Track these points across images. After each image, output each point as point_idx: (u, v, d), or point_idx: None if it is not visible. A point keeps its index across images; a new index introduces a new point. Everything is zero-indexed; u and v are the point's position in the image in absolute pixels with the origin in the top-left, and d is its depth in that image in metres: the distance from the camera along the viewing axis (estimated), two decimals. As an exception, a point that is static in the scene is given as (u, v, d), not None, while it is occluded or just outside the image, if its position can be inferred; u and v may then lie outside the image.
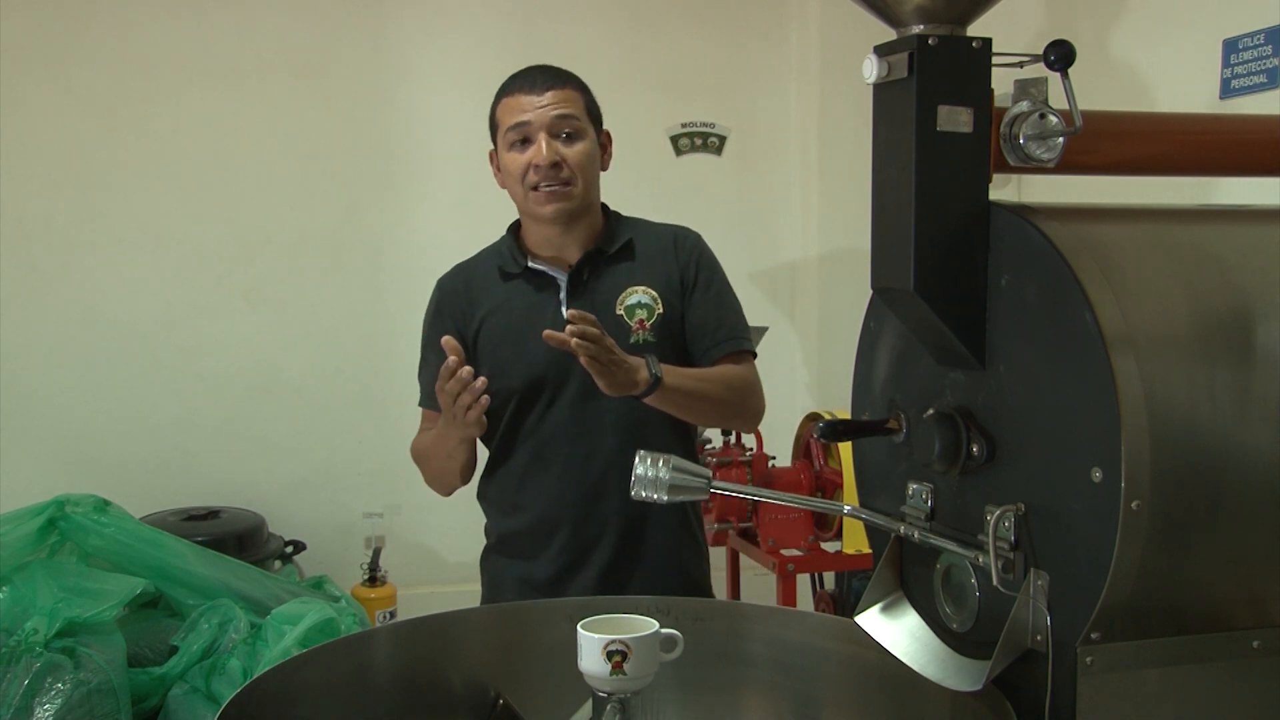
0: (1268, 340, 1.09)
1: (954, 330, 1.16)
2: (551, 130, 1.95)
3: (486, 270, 2.09)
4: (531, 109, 1.96)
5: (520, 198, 2.00)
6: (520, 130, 1.96)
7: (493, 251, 2.12)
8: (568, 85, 2.00)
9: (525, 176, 1.96)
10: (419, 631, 1.54)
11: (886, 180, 1.18)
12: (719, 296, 2.06)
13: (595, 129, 2.03)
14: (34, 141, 3.42)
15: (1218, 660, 1.10)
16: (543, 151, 1.94)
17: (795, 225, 3.97)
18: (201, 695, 2.09)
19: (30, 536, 2.23)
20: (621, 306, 2.00)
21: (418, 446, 2.12)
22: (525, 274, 2.04)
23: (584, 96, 2.02)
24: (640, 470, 1.37)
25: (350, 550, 3.53)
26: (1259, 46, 2.32)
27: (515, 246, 2.07)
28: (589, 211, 2.04)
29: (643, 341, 1.97)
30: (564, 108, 1.96)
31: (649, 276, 2.03)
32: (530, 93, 1.97)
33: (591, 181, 2.01)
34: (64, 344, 3.47)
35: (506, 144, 1.99)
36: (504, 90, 2.02)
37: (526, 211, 2.02)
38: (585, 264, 2.02)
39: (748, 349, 2.06)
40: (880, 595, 1.33)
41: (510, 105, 1.99)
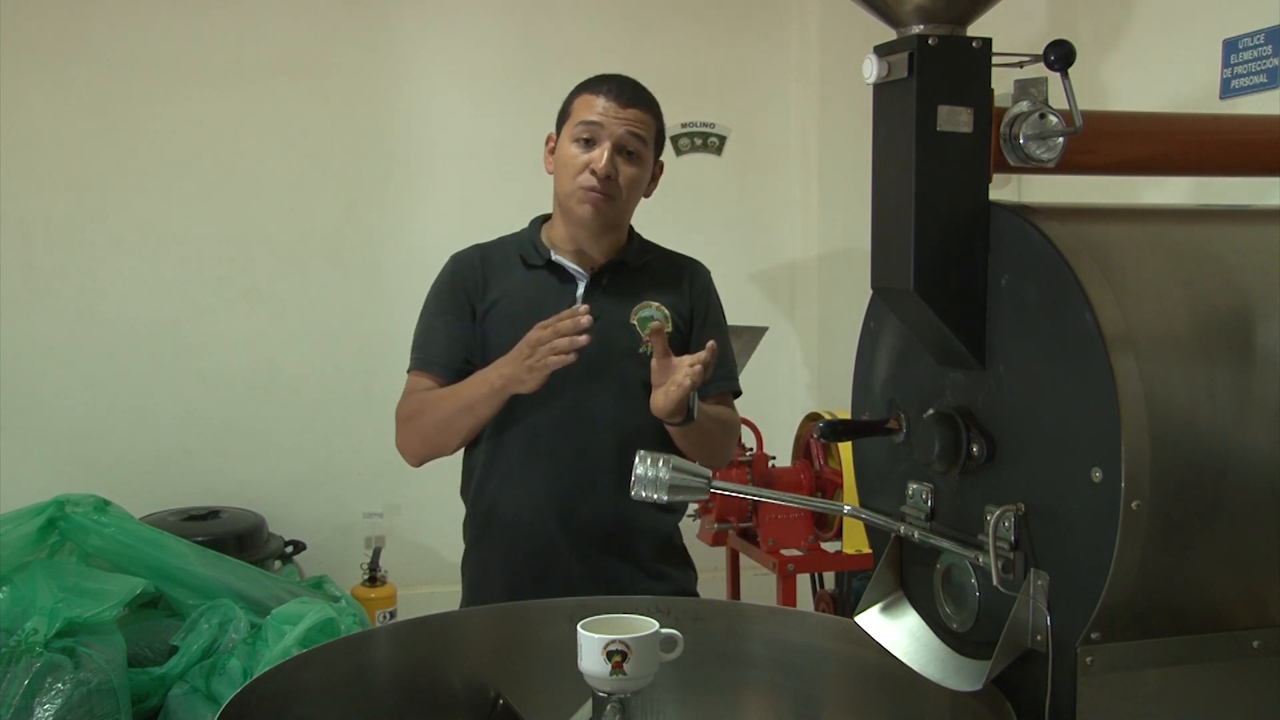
0: (1268, 340, 1.09)
1: (954, 330, 1.16)
2: (619, 144, 1.99)
3: (506, 255, 2.12)
4: (610, 115, 1.99)
5: (564, 191, 2.03)
6: (590, 129, 1.99)
7: (513, 239, 2.15)
8: (649, 110, 2.05)
9: (578, 174, 1.99)
10: (419, 631, 1.54)
11: (886, 180, 1.18)
12: (722, 335, 2.11)
13: (654, 156, 2.08)
14: (34, 141, 3.42)
15: (1218, 660, 1.10)
16: (603, 159, 1.97)
17: (795, 225, 3.97)
18: (201, 695, 2.09)
19: (30, 536, 2.23)
20: (635, 316, 2.05)
21: (415, 403, 2.08)
22: (547, 266, 2.07)
23: (657, 123, 2.07)
24: (640, 470, 1.37)
25: (350, 550, 3.52)
26: (1259, 46, 2.32)
27: (539, 238, 2.11)
28: (618, 226, 2.08)
29: (648, 353, 1.99)
30: (638, 128, 2.01)
31: (663, 296, 2.08)
32: (615, 100, 2.00)
33: (631, 202, 2.06)
34: (64, 344, 3.47)
35: (571, 136, 2.01)
36: (589, 87, 2.05)
37: (565, 206, 2.04)
38: (607, 270, 2.06)
39: (737, 390, 2.16)
40: (880, 595, 1.33)
41: (590, 103, 2.02)
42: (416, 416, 2.07)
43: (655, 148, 2.07)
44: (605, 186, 1.98)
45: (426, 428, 2.05)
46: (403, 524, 3.63)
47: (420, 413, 2.06)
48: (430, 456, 2.10)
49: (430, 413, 2.04)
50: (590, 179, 1.98)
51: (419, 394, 2.09)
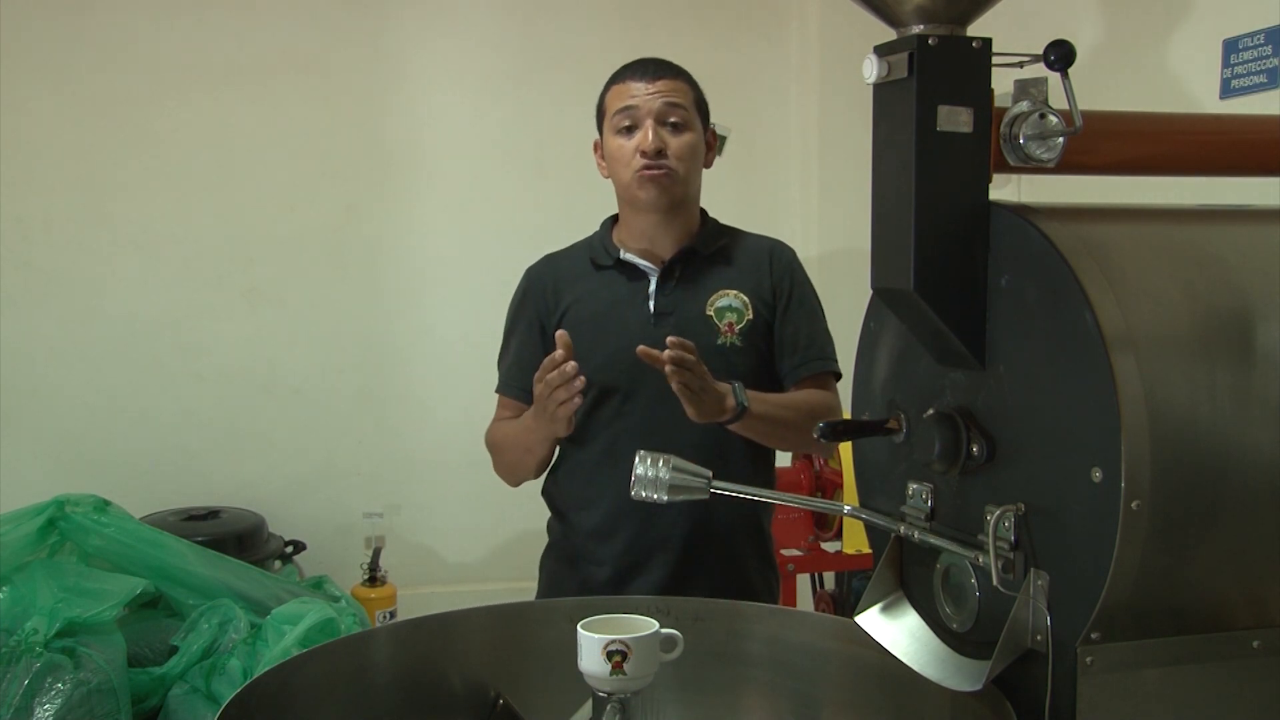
0: (1268, 340, 1.09)
1: (954, 330, 1.16)
2: (659, 117, 1.96)
3: (577, 261, 2.10)
4: (641, 95, 1.97)
5: (623, 184, 2.00)
6: (628, 115, 1.97)
7: (585, 244, 2.13)
8: (679, 77, 2.01)
9: (630, 161, 1.96)
10: (419, 631, 1.54)
11: (886, 180, 1.18)
12: (811, 314, 2.06)
13: (702, 124, 2.03)
14: (34, 141, 3.42)
15: (1218, 660, 1.10)
16: (649, 137, 1.94)
17: (795, 225, 3.97)
18: (201, 695, 2.09)
19: (30, 536, 2.23)
20: (711, 308, 2.00)
21: (494, 435, 2.11)
22: (617, 265, 2.04)
23: (694, 90, 2.03)
24: (640, 470, 1.38)
25: (350, 550, 3.52)
26: (1259, 46, 2.31)
27: (608, 238, 2.08)
28: (686, 206, 2.03)
29: (729, 345, 1.97)
30: (673, 96, 1.97)
31: (741, 282, 2.03)
32: (640, 79, 1.98)
33: (693, 174, 2.01)
34: (64, 344, 3.47)
35: (613, 129, 2.00)
36: (614, 78, 2.03)
37: (627, 198, 2.02)
38: (678, 261, 2.02)
39: (834, 370, 2.06)
40: (880, 595, 1.33)
41: (619, 91, 2.00)
42: (495, 452, 2.11)
43: (701, 116, 2.03)
44: (658, 161, 1.94)
45: (505, 464, 2.09)
46: (403, 524, 3.64)
47: (496, 448, 2.10)
48: (520, 483, 2.12)
49: (503, 452, 2.08)
50: (642, 161, 1.94)
51: (496, 426, 2.12)
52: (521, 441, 2.01)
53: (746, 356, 1.98)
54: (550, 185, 3.66)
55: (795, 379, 2.02)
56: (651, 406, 1.95)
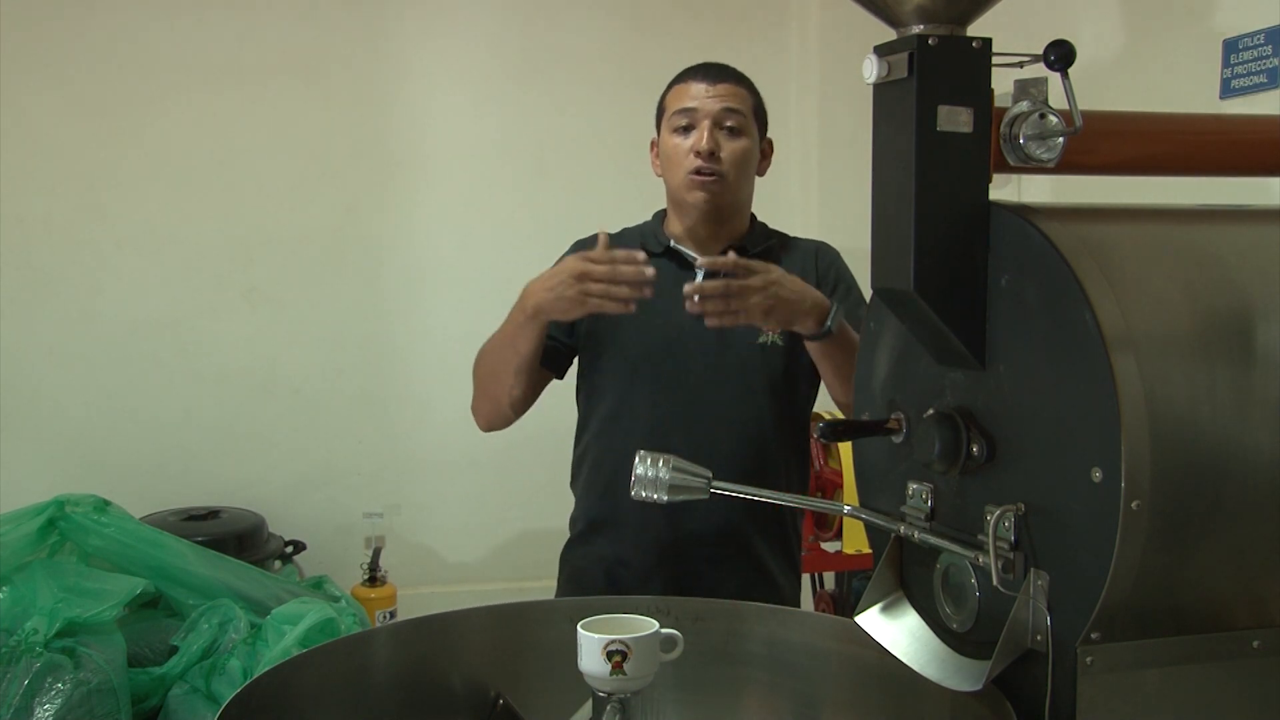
0: (1268, 340, 1.09)
1: (954, 330, 1.16)
2: (716, 120, 1.97)
3: (626, 243, 2.06)
4: (700, 97, 1.98)
5: (674, 183, 2.01)
6: (686, 115, 1.98)
7: (635, 231, 2.13)
8: (740, 83, 2.03)
9: (684, 161, 1.97)
10: (419, 631, 1.54)
11: (886, 180, 1.18)
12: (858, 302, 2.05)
13: (759, 132, 2.05)
14: (34, 142, 3.42)
15: (1218, 660, 1.10)
16: (703, 139, 1.94)
17: (795, 225, 3.95)
18: (201, 695, 2.09)
19: (30, 536, 2.23)
20: None
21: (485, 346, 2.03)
22: (666, 253, 2.04)
23: (754, 98, 2.05)
24: (640, 470, 1.38)
25: (350, 550, 3.52)
26: (1259, 46, 2.31)
27: (659, 229, 2.08)
28: (736, 212, 2.05)
29: (770, 342, 1.97)
30: (732, 102, 1.99)
31: None
32: (703, 81, 1.99)
33: (744, 180, 2.02)
34: (64, 344, 3.47)
35: (670, 128, 2.00)
36: (677, 78, 2.05)
37: (677, 199, 2.02)
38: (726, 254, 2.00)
39: None
40: (880, 595, 1.33)
41: (680, 91, 2.01)
42: (475, 368, 2.04)
43: (759, 123, 2.05)
44: (711, 164, 1.95)
45: (481, 378, 2.02)
46: (403, 524, 3.63)
47: (477, 362, 2.03)
48: (493, 416, 2.04)
49: (482, 361, 2.01)
50: (694, 162, 1.95)
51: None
52: (506, 332, 1.93)
53: (787, 354, 1.98)
54: (550, 185, 3.66)
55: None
56: (687, 396, 1.94)
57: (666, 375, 1.96)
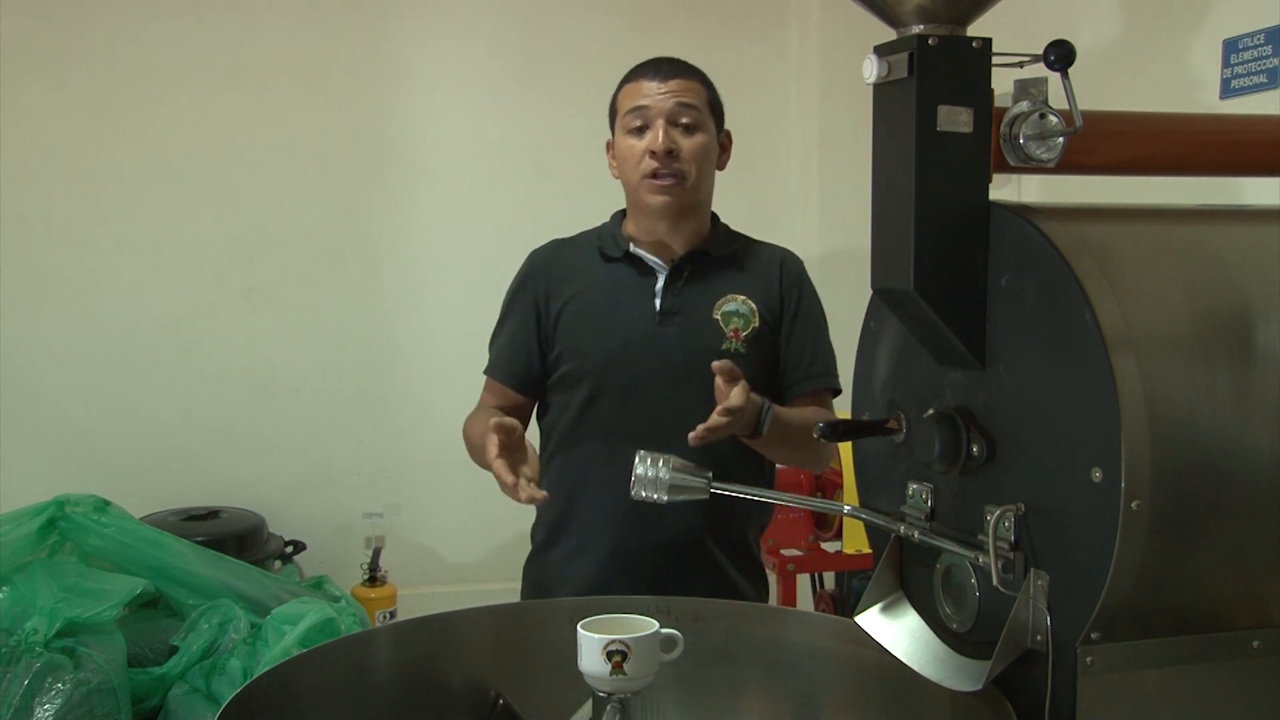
0: (1268, 340, 1.09)
1: (954, 330, 1.17)
2: (671, 118, 1.92)
3: (584, 250, 2.05)
4: (653, 95, 1.93)
5: (632, 186, 1.97)
6: (639, 115, 1.93)
7: (594, 233, 2.08)
8: (692, 77, 1.98)
9: (640, 163, 1.93)
10: (419, 631, 1.54)
11: (886, 180, 1.18)
12: (817, 329, 2.04)
13: (716, 125, 2.00)
14: (34, 141, 3.42)
15: (1218, 660, 1.10)
16: (659, 138, 1.90)
17: (795, 225, 3.97)
18: (201, 695, 2.09)
19: (30, 536, 2.23)
20: (718, 311, 1.96)
21: (468, 430, 2.02)
22: (625, 258, 2.00)
23: (708, 91, 2.00)
24: (640, 470, 1.38)
25: (350, 550, 3.52)
26: (1259, 46, 2.31)
27: (619, 231, 2.04)
28: (697, 210, 2.00)
29: (734, 350, 1.93)
30: (686, 97, 1.94)
31: (750, 288, 1.99)
32: (653, 79, 1.95)
33: (705, 177, 1.97)
34: (64, 344, 3.46)
35: (624, 129, 1.96)
36: (627, 77, 2.00)
37: (636, 201, 1.98)
38: (688, 262, 1.99)
39: (835, 387, 2.03)
40: (880, 595, 1.33)
41: (631, 90, 1.97)
42: (467, 444, 2.02)
43: (715, 116, 2.00)
44: (668, 165, 1.91)
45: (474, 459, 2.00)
46: (403, 524, 3.63)
47: (469, 443, 2.01)
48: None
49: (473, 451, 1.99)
50: (652, 163, 1.91)
51: (473, 418, 2.03)
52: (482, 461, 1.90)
53: (749, 364, 1.93)
54: (550, 185, 3.66)
55: (797, 393, 1.99)
56: (651, 406, 1.92)
57: (628, 383, 1.93)
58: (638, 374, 1.91)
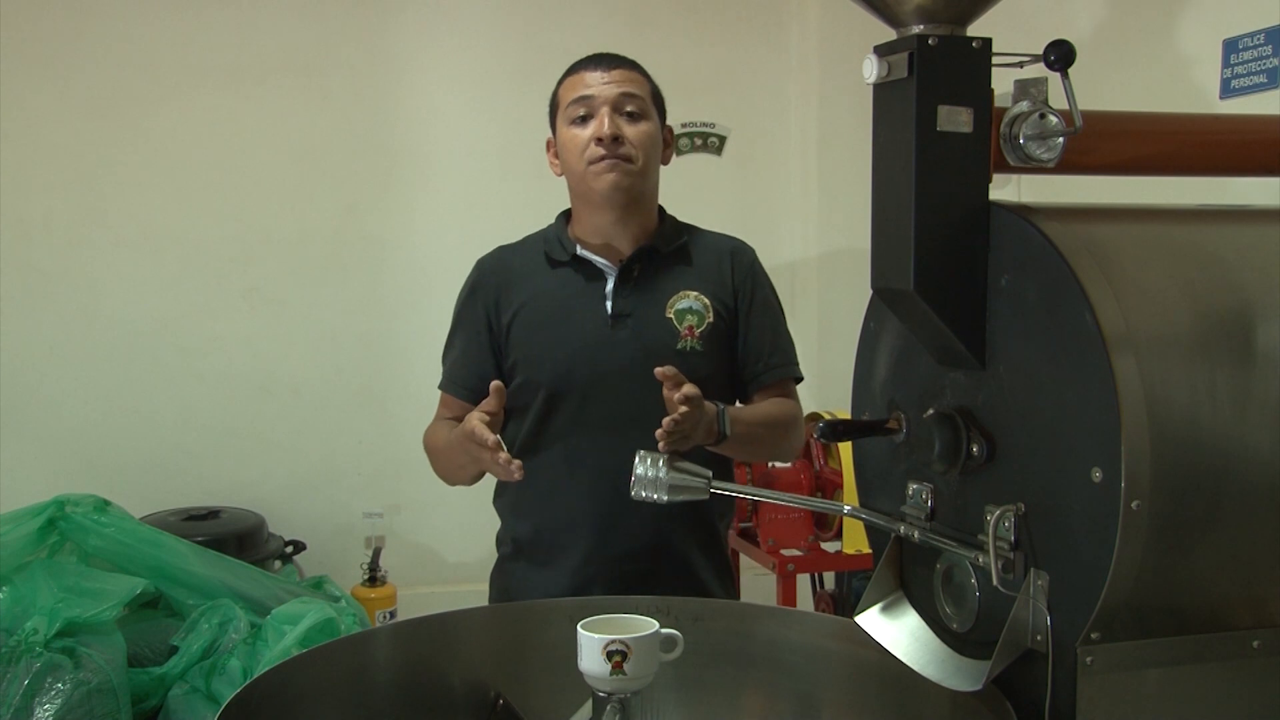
0: (1268, 340, 1.09)
1: (954, 330, 1.16)
2: (615, 106, 1.90)
3: (531, 255, 2.01)
4: (596, 84, 1.91)
5: (577, 176, 1.93)
6: (583, 104, 1.91)
7: (539, 237, 2.05)
8: (634, 68, 1.97)
9: (585, 151, 1.89)
10: (419, 631, 1.54)
11: (886, 180, 1.18)
12: (775, 318, 2.02)
13: (659, 117, 1.98)
14: (34, 141, 3.42)
15: (1218, 660, 1.10)
16: (605, 124, 1.88)
17: (795, 225, 3.97)
18: (201, 695, 2.09)
19: (30, 536, 2.23)
20: (671, 310, 1.93)
21: (430, 438, 2.01)
22: (573, 262, 1.96)
23: (650, 83, 1.98)
24: (640, 470, 1.38)
25: (350, 550, 3.52)
26: (1259, 46, 2.31)
27: (564, 233, 2.00)
28: (645, 201, 1.97)
29: (689, 348, 1.91)
30: (629, 87, 1.92)
31: (702, 283, 1.96)
32: (596, 69, 1.93)
33: (651, 165, 1.95)
34: (64, 344, 3.47)
35: (567, 120, 1.93)
36: (568, 71, 1.98)
37: (581, 191, 1.95)
38: (637, 260, 1.95)
39: (797, 375, 2.02)
40: (880, 595, 1.33)
41: (574, 82, 1.94)
42: (433, 456, 2.01)
43: (658, 108, 1.98)
44: (615, 149, 1.88)
45: (443, 471, 2.00)
46: (403, 524, 3.64)
47: (432, 452, 2.01)
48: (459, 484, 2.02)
49: (438, 458, 1.99)
50: (597, 150, 1.88)
51: (434, 428, 2.01)
52: (455, 458, 1.90)
53: (706, 360, 1.91)
54: (550, 185, 3.61)
55: (759, 385, 1.97)
56: (610, 411, 1.88)
57: (584, 390, 1.90)
58: (593, 380, 1.88)
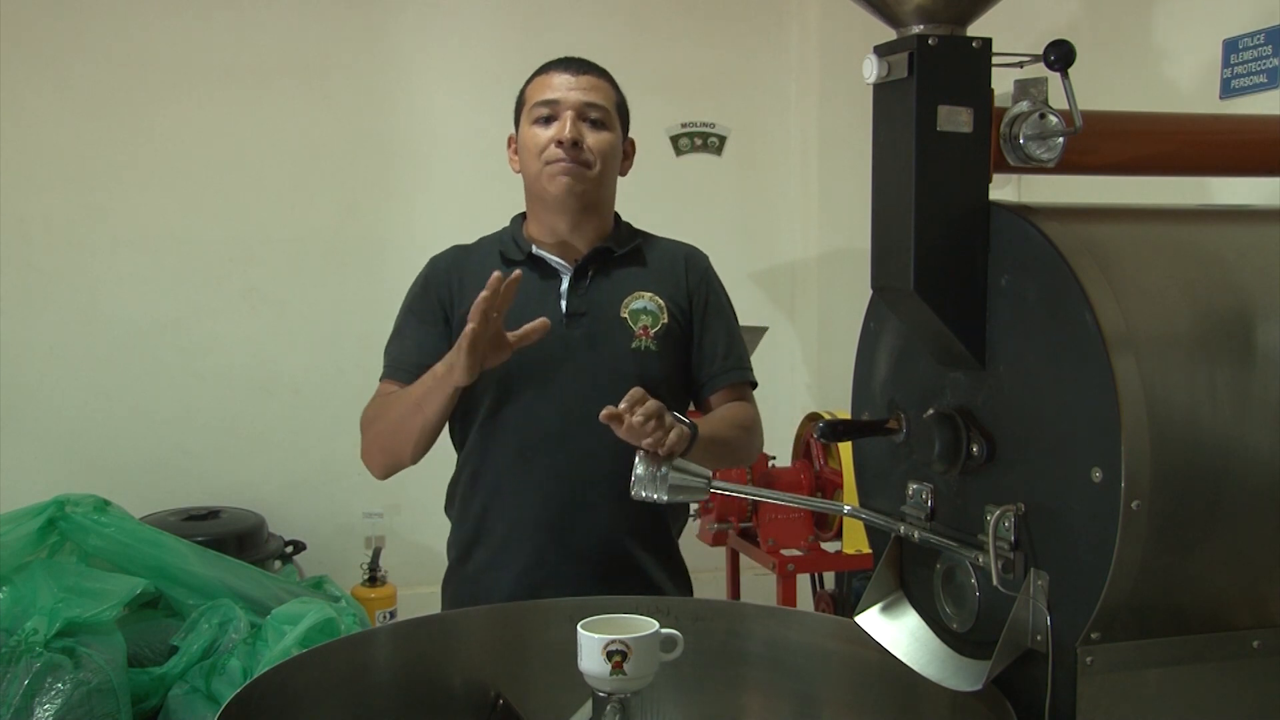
0: (1268, 340, 1.09)
1: (954, 330, 1.16)
2: (579, 112, 1.91)
3: (485, 254, 2.02)
4: (563, 88, 1.92)
5: (533, 175, 1.94)
6: (548, 106, 1.92)
7: (494, 238, 2.06)
8: (603, 78, 1.97)
9: (543, 152, 1.90)
10: (419, 631, 1.54)
11: (886, 180, 1.18)
12: (729, 323, 2.02)
13: (622, 129, 1.99)
14: (34, 141, 3.42)
15: (1218, 660, 1.10)
16: (566, 128, 1.88)
17: (795, 225, 3.97)
18: (201, 695, 2.09)
19: (30, 536, 2.23)
20: (626, 310, 1.93)
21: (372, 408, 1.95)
22: (528, 261, 1.96)
23: (617, 94, 1.99)
24: (641, 470, 1.38)
25: (350, 550, 3.53)
26: (1259, 46, 2.31)
27: (520, 233, 2.01)
28: (600, 207, 1.97)
29: (644, 348, 1.91)
30: (595, 95, 1.93)
31: (657, 285, 1.97)
32: (565, 73, 1.94)
33: (609, 173, 1.95)
34: (64, 344, 3.47)
35: (530, 119, 1.94)
36: (537, 71, 1.99)
37: (537, 192, 1.95)
38: (591, 261, 1.95)
39: (752, 380, 2.03)
40: (880, 595, 1.33)
41: (541, 83, 1.96)
42: (374, 421, 1.94)
43: (621, 119, 1.98)
44: (574, 154, 1.88)
45: (382, 433, 1.92)
46: (403, 524, 3.63)
47: (377, 417, 1.94)
48: (391, 465, 1.95)
49: (384, 415, 1.91)
50: (556, 151, 1.88)
51: (375, 400, 1.97)
52: (414, 395, 1.84)
53: (661, 361, 1.91)
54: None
55: (715, 388, 1.97)
56: (564, 410, 1.87)
57: (538, 388, 1.88)
58: (547, 378, 1.86)
